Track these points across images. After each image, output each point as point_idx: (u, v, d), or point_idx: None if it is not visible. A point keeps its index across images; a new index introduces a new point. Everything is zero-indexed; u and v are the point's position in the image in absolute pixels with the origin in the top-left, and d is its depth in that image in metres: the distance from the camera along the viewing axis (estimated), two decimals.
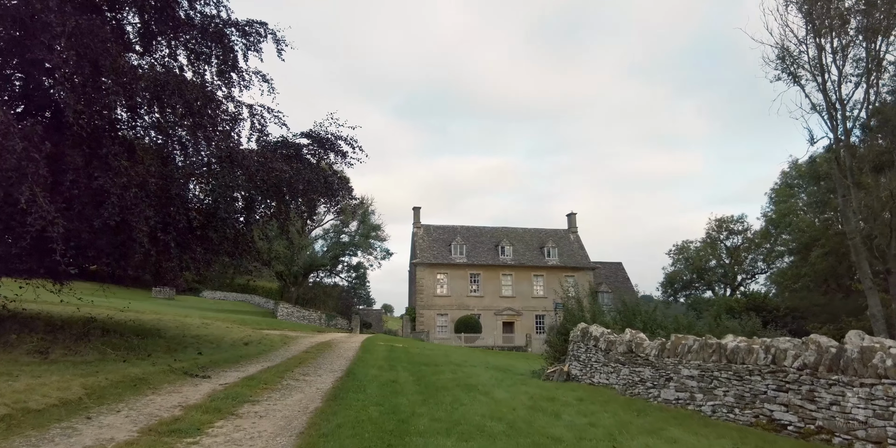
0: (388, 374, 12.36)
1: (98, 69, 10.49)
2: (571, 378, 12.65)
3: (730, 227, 63.01)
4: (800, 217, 50.13)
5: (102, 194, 10.39)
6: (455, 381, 12.37)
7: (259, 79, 15.97)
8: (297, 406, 8.51)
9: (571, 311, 16.66)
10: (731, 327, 20.45)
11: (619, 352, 10.99)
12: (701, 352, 8.74)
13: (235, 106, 15.48)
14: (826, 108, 26.28)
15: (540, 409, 8.76)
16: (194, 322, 23.89)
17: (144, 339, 14.86)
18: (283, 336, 25.28)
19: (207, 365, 12.50)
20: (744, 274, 62.28)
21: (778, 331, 20.28)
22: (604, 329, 12.09)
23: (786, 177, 58.07)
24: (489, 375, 14.51)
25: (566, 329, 16.17)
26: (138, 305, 34.86)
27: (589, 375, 12.00)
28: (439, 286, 49.89)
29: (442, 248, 51.34)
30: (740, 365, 7.82)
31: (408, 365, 15.03)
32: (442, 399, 9.25)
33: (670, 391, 9.20)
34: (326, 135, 16.20)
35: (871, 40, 26.61)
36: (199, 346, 15.72)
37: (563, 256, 53.16)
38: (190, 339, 17.00)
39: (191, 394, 9.05)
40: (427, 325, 47.60)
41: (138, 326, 17.59)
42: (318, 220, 57.81)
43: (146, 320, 21.13)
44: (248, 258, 16.27)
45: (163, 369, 10.84)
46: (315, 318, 46.61)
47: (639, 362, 10.29)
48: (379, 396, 9.12)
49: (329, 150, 15.96)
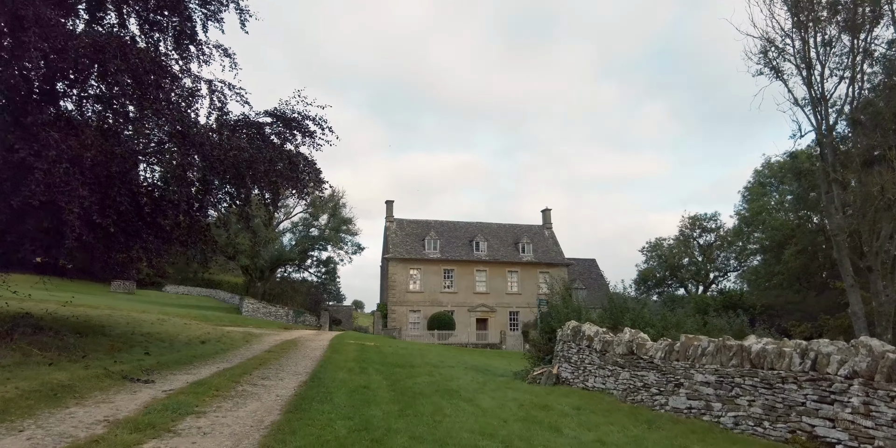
0: (359, 378, 11.05)
1: (20, 22, 8.93)
2: (561, 381, 11.53)
3: (703, 225, 63.08)
4: (773, 215, 50.18)
5: (25, 169, 8.85)
6: (433, 385, 11.14)
7: (220, 53, 14.51)
8: (251, 419, 7.17)
9: (556, 307, 15.57)
10: (719, 326, 19.71)
11: (617, 353, 9.89)
12: (718, 355, 7.67)
13: (193, 81, 14.00)
14: (811, 103, 25.74)
15: (535, 421, 7.59)
16: (149, 318, 22.17)
17: (84, 337, 13.26)
18: (246, 333, 23.72)
19: (153, 367, 11.03)
20: (716, 272, 62.44)
21: (765, 330, 19.59)
22: (598, 328, 10.99)
23: (759, 175, 58.28)
24: (469, 378, 13.32)
25: (551, 327, 15.09)
26: (93, 300, 32.77)
27: (582, 379, 10.89)
28: (412, 282, 48.57)
29: (415, 242, 50.02)
30: (769, 371, 6.76)
31: (380, 366, 13.74)
32: (421, 409, 8.01)
33: (681, 399, 8.12)
34: (293, 114, 14.78)
35: (856, 35, 26.15)
36: (149, 346, 14.18)
37: (538, 252, 52.35)
38: (139, 337, 15.41)
39: (124, 404, 7.64)
40: (399, 322, 46.28)
41: (82, 323, 15.91)
42: (287, 213, 55.97)
43: (94, 316, 19.38)
44: (204, 248, 14.75)
45: (96, 373, 9.35)
46: (282, 315, 44.87)
47: (641, 365, 9.20)
48: (348, 407, 7.83)
49: (296, 130, 14.54)
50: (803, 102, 26.19)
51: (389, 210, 51.64)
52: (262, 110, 14.67)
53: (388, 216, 51.51)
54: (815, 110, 25.64)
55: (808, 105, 25.60)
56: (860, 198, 22.97)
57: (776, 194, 56.21)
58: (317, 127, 14.90)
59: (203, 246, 14.35)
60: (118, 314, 22.01)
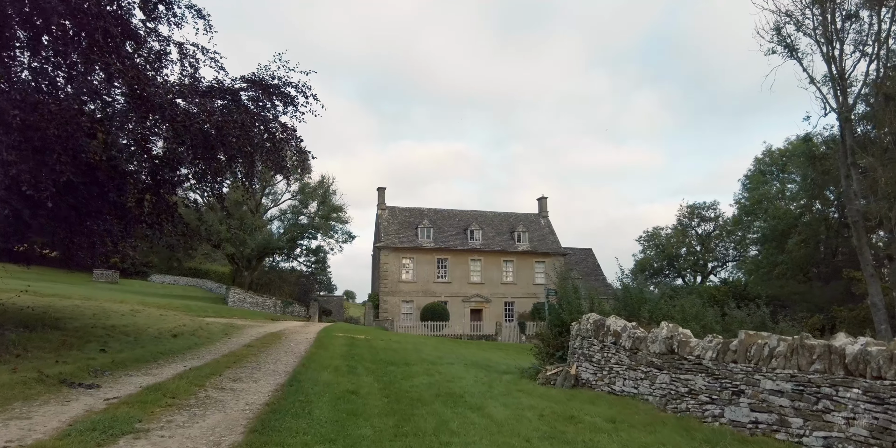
0: (347, 381, 9.45)
1: None
2: (581, 383, 9.98)
3: (701, 214, 61.72)
4: (775, 204, 48.87)
5: None
6: (433, 387, 9.57)
7: (194, 14, 12.75)
8: (205, 440, 5.57)
9: (567, 298, 14.01)
10: (739, 318, 18.31)
11: (652, 352, 8.33)
12: (794, 357, 6.12)
13: (161, 43, 12.25)
14: (831, 81, 24.18)
15: (566, 441, 6.03)
16: (122, 309, 20.45)
17: (32, 331, 11.57)
18: (228, 325, 22.04)
19: (105, 367, 9.39)
20: (715, 261, 61.22)
21: (791, 323, 18.15)
22: (625, 322, 9.41)
23: (759, 163, 56.92)
24: (472, 377, 11.76)
25: (561, 320, 13.54)
26: (69, 290, 30.92)
27: (607, 381, 9.34)
28: (405, 271, 46.95)
29: (408, 231, 48.33)
30: (876, 381, 5.23)
31: (371, 364, 12.13)
32: (422, 424, 6.43)
33: (742, 410, 6.59)
34: (272, 80, 13.05)
35: (878, 8, 24.59)
36: (108, 341, 12.50)
37: (534, 241, 50.84)
38: (100, 330, 13.72)
39: (44, 420, 6.01)
40: (391, 313, 44.70)
41: (36, 315, 14.20)
42: (275, 200, 54.08)
43: (59, 307, 17.65)
44: (173, 230, 13.06)
45: (25, 377, 7.70)
46: (269, 305, 43.16)
47: (685, 367, 7.65)
48: (330, 422, 6.24)
49: (275, 97, 12.82)
50: (822, 81, 24.64)
51: (381, 197, 49.88)
52: (239, 76, 12.95)
53: (379, 204, 49.75)
54: (836, 89, 24.10)
55: (828, 83, 24.04)
56: (889, 180, 21.44)
57: (777, 183, 54.92)
58: (300, 94, 13.22)
59: (171, 227, 12.66)
60: (88, 305, 20.26)
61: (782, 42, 26.99)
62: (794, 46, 26.59)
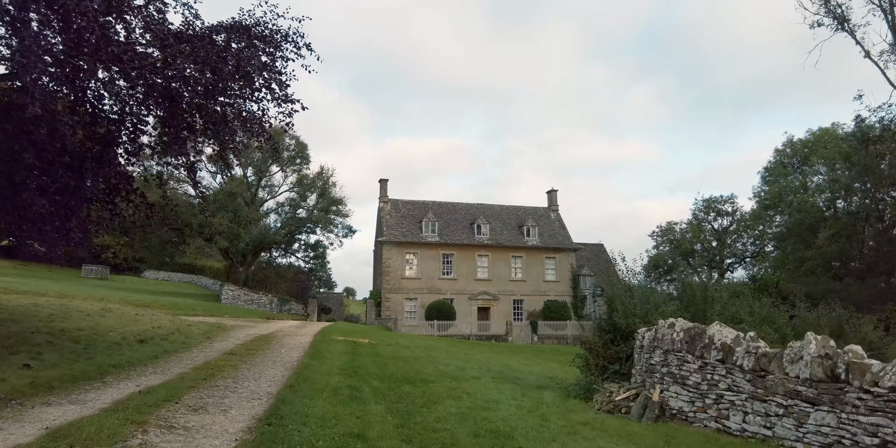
0: (348, 413, 6.78)
1: None
2: (668, 414, 7.34)
3: (718, 208, 59.01)
4: (800, 197, 46.13)
5: None
6: (467, 420, 6.92)
7: None
8: None
9: (619, 298, 11.36)
10: (809, 320, 15.68)
11: (796, 378, 5.70)
12: None
13: None
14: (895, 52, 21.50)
15: None
16: (91, 308, 17.79)
17: None
18: (213, 326, 19.43)
19: (15, 392, 6.77)
20: (733, 257, 58.50)
21: (868, 327, 15.48)
22: (738, 332, 6.77)
23: (780, 155, 54.23)
24: (508, 399, 9.12)
25: (614, 325, 10.92)
26: (45, 286, 28.37)
27: (714, 414, 6.69)
28: (408, 267, 44.25)
29: (412, 225, 45.62)
30: None
31: (380, 383, 9.45)
32: None
33: None
34: (258, 28, 10.40)
35: None
36: (46, 351, 9.86)
37: (544, 236, 48.15)
38: (43, 336, 11.05)
39: None
40: (394, 311, 42.03)
41: None
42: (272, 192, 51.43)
43: (6, 306, 14.99)
44: (136, 210, 10.43)
45: None
46: (265, 303, 40.55)
47: (868, 405, 5.03)
48: None
49: (262, 44, 10.17)
50: (880, 54, 21.91)
51: (383, 189, 47.11)
52: (216, 22, 10.28)
53: (381, 196, 46.99)
54: None
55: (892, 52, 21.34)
56: None
57: (799, 175, 52.17)
58: (291, 46, 10.58)
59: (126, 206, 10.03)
60: (52, 303, 17.59)
61: (830, 13, 24.31)
62: (845, 17, 23.90)
